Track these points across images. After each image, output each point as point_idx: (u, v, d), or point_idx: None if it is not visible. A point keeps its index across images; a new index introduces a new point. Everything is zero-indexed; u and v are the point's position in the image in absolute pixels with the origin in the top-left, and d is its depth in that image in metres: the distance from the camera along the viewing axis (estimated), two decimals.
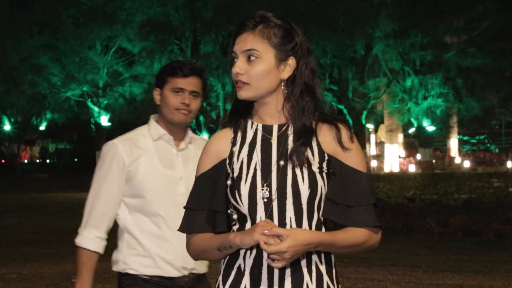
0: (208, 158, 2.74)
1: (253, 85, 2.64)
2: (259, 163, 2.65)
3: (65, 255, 14.00)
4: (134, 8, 24.99)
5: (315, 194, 2.61)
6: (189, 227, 2.73)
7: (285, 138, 2.67)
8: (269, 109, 2.69)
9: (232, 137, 2.73)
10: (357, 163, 2.68)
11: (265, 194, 2.61)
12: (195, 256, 2.76)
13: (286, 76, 2.65)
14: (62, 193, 29.43)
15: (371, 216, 2.65)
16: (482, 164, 40.06)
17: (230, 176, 2.67)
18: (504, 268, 11.55)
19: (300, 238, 2.49)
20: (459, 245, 15.35)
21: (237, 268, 2.65)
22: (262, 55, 2.62)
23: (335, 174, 2.66)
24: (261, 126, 2.70)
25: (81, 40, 24.71)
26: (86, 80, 25.35)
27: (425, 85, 28.68)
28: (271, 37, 2.63)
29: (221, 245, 2.60)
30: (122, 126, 34.56)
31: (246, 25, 2.65)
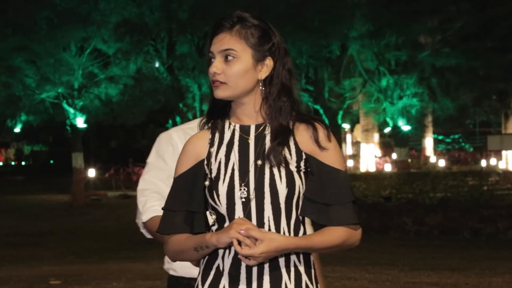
0: (186, 159, 2.75)
1: (230, 84, 2.65)
2: (236, 163, 2.66)
3: (42, 257, 13.99)
4: (109, 9, 24.84)
5: (292, 193, 2.62)
6: (167, 228, 2.73)
7: (262, 138, 2.69)
8: (246, 109, 2.71)
9: (209, 138, 2.74)
10: (335, 162, 2.69)
11: (243, 194, 2.62)
12: (173, 257, 2.76)
13: (263, 76, 2.67)
14: (38, 195, 29.28)
15: (351, 213, 2.65)
16: (456, 163, 40.32)
17: (208, 176, 2.69)
18: (479, 265, 11.67)
19: (274, 244, 2.50)
20: (434, 243, 15.48)
21: (216, 268, 2.66)
22: (239, 55, 2.64)
23: (313, 173, 2.67)
24: (239, 127, 2.72)
25: (55, 41, 24.52)
26: (61, 81, 25.16)
27: (400, 85, 28.82)
28: (248, 37, 2.65)
29: (198, 245, 2.62)
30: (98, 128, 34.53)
31: (223, 25, 2.67)
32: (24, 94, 25.47)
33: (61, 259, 13.73)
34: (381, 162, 35.66)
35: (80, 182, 26.61)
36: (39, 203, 26.24)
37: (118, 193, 29.47)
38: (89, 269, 12.13)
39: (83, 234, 18.21)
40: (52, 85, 25.20)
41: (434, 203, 20.30)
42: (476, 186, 23.55)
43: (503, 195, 22.26)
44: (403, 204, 20.37)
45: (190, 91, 26.46)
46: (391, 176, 26.12)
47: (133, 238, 16.82)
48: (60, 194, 29.22)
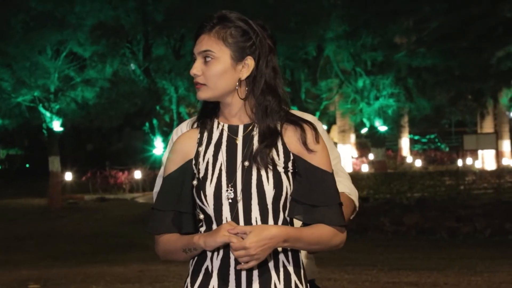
0: (174, 158, 2.75)
1: (210, 86, 2.66)
2: (224, 163, 2.66)
3: (19, 261, 13.92)
4: (85, 12, 24.74)
5: (280, 194, 2.62)
6: (156, 228, 2.73)
7: (250, 138, 2.69)
8: (232, 110, 2.71)
9: (198, 137, 2.74)
10: (322, 163, 2.70)
11: (230, 195, 2.62)
12: (163, 256, 2.77)
13: (244, 76, 2.67)
14: (14, 199, 29.10)
15: (337, 215, 2.66)
16: (433, 163, 40.56)
17: (196, 176, 2.68)
18: (458, 265, 11.74)
19: (265, 232, 2.50)
20: (412, 243, 15.56)
21: (205, 270, 2.66)
22: (217, 56, 2.65)
23: (300, 174, 2.67)
24: (227, 126, 2.72)
25: (31, 45, 24.39)
26: (37, 85, 25.01)
27: (376, 85, 28.91)
28: (227, 38, 2.65)
29: (186, 247, 2.62)
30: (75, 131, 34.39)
31: (204, 26, 2.68)
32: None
33: (39, 263, 13.68)
34: (358, 162, 35.78)
35: (57, 185, 26.48)
36: (15, 207, 26.11)
37: (95, 196, 29.38)
38: (68, 273, 12.08)
39: (61, 237, 18.13)
40: (28, 89, 25.06)
41: (412, 203, 20.39)
42: (453, 186, 23.68)
43: (480, 194, 22.42)
44: (380, 204, 20.44)
45: (167, 93, 26.41)
46: (368, 176, 26.17)
47: (111, 241, 16.78)
48: (36, 197, 29.08)
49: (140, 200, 28.28)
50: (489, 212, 17.91)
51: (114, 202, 27.27)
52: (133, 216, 21.44)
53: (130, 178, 32.64)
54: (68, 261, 13.87)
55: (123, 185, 32.18)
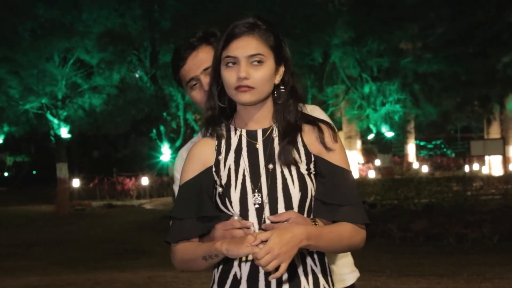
0: (192, 166, 2.72)
1: (259, 89, 2.63)
2: (247, 168, 2.65)
3: (28, 268, 13.94)
4: (92, 20, 24.79)
5: (305, 196, 2.63)
6: (178, 236, 2.70)
7: (270, 141, 2.69)
8: (256, 114, 2.70)
9: (216, 145, 2.73)
10: (342, 162, 2.71)
11: (257, 200, 2.61)
12: (180, 266, 2.73)
13: (278, 80, 2.69)
14: (22, 206, 29.19)
15: (360, 213, 2.68)
16: (439, 168, 40.48)
17: (218, 183, 2.66)
18: (466, 271, 11.71)
19: (285, 231, 2.47)
20: (420, 249, 15.52)
21: (233, 276, 2.64)
22: (265, 60, 2.63)
23: (323, 175, 2.68)
24: (245, 132, 2.71)
25: (38, 52, 24.45)
26: (44, 92, 25.08)
27: (383, 91, 28.90)
28: (270, 41, 2.64)
29: (207, 254, 2.58)
30: (82, 138, 34.44)
31: (241, 29, 2.64)
32: (7, 105, 25.39)
33: (48, 269, 13.69)
34: (364, 169, 35.76)
35: (64, 192, 26.54)
36: (23, 214, 26.13)
37: (102, 202, 29.44)
38: (77, 279, 12.09)
39: (69, 244, 18.14)
40: (35, 96, 25.14)
41: (419, 209, 20.31)
42: (460, 192, 23.58)
43: (487, 200, 22.30)
44: (388, 210, 20.39)
45: (174, 100, 26.42)
46: (375, 182, 26.14)
47: (119, 247, 16.79)
48: (43, 204, 29.13)
49: (147, 206, 28.31)
50: (497, 218, 17.84)
51: (121, 209, 27.29)
52: (140, 223, 21.45)
53: (137, 184, 32.69)
54: (77, 268, 13.88)
55: (130, 191, 32.22)
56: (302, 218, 2.58)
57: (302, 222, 2.57)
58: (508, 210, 19.31)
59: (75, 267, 14.06)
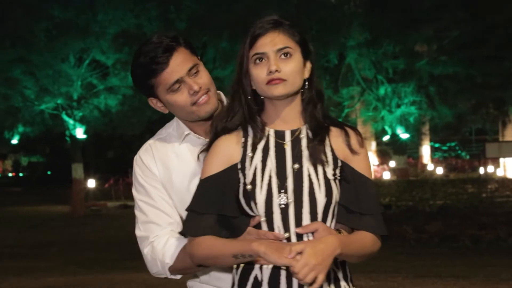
0: (217, 160, 2.69)
1: (290, 81, 2.63)
2: (274, 169, 2.62)
3: (44, 268, 13.97)
4: (108, 20, 24.82)
5: (330, 202, 2.61)
6: (196, 230, 2.65)
7: (298, 141, 2.67)
8: (284, 111, 2.69)
9: (242, 142, 2.71)
10: (366, 170, 2.72)
11: (282, 200, 2.59)
12: (201, 260, 2.68)
13: (307, 75, 2.69)
14: (37, 206, 29.26)
15: (380, 223, 2.69)
16: (454, 170, 40.36)
17: (242, 182, 2.64)
18: (482, 272, 11.67)
19: (319, 243, 2.48)
20: (435, 250, 15.48)
21: (254, 279, 2.62)
22: (293, 52, 2.64)
23: (348, 181, 2.67)
24: (273, 132, 2.69)
25: (54, 53, 24.51)
26: (60, 92, 25.14)
27: (398, 93, 28.87)
28: (296, 36, 2.66)
29: (239, 253, 2.54)
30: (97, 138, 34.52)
31: (265, 27, 2.66)
32: (23, 106, 25.45)
33: (64, 270, 13.71)
34: (379, 170, 35.70)
35: (80, 192, 26.60)
36: (38, 214, 26.19)
37: (117, 203, 29.46)
38: (94, 280, 12.12)
39: (85, 244, 18.18)
40: (51, 96, 25.21)
41: (434, 211, 20.30)
42: (475, 194, 23.55)
43: (502, 202, 22.26)
44: (403, 212, 20.37)
45: None
46: (390, 184, 26.10)
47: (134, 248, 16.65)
48: (59, 205, 29.19)
49: None
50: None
51: None
52: None
53: None
54: (93, 268, 13.90)
55: None
56: (328, 229, 2.58)
57: (328, 233, 2.56)
58: None
59: (91, 267, 14.08)
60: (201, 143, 2.99)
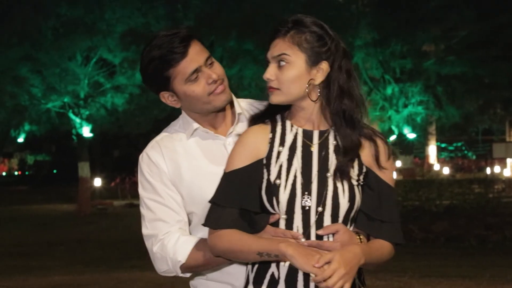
0: (244, 153, 2.69)
1: (284, 90, 2.63)
2: (299, 170, 2.61)
3: (51, 267, 14.00)
4: (115, 19, 24.81)
5: (352, 207, 2.61)
6: (218, 223, 2.64)
7: (326, 147, 2.65)
8: (306, 114, 2.68)
9: (270, 137, 2.69)
10: (390, 179, 2.70)
11: (307, 202, 2.58)
12: (222, 253, 2.66)
13: (318, 80, 2.65)
14: (43, 205, 29.30)
15: (399, 233, 2.70)
16: (460, 170, 40.29)
17: (266, 178, 2.63)
18: (489, 273, 11.66)
19: (347, 252, 2.47)
20: (441, 250, 15.49)
21: (270, 276, 2.61)
22: (291, 60, 2.62)
23: (372, 188, 2.66)
24: (301, 131, 2.68)
25: (61, 51, 24.52)
26: (67, 91, 25.14)
27: (405, 93, 28.82)
28: (302, 43, 2.63)
29: (265, 251, 2.53)
30: (103, 137, 34.53)
31: (279, 30, 2.67)
32: (30, 104, 25.46)
33: (71, 268, 13.74)
34: None
35: (86, 191, 26.61)
36: (44, 213, 26.22)
37: (124, 202, 29.47)
38: (100, 279, 12.13)
39: (91, 243, 18.21)
40: (58, 95, 25.21)
41: (440, 211, 20.27)
42: (482, 194, 23.48)
43: (509, 202, 22.18)
44: (409, 211, 20.32)
45: None
46: (397, 183, 26.02)
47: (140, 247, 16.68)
48: (65, 203, 29.22)
49: None
50: None
51: None
52: None
53: None
54: (99, 267, 13.92)
55: None
56: (348, 231, 2.59)
57: (348, 235, 2.57)
58: None
59: (98, 266, 14.10)
60: (209, 137, 2.99)
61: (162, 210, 2.97)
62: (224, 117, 3.05)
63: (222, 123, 3.04)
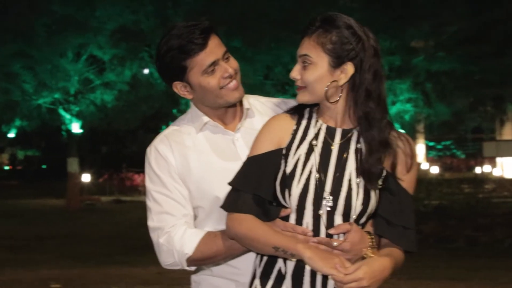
0: (267, 139, 2.69)
1: (309, 89, 2.62)
2: (316, 166, 2.60)
3: (40, 261, 14.01)
4: (106, 16, 24.77)
5: (365, 211, 2.59)
6: (232, 206, 2.64)
7: (346, 147, 2.63)
8: (332, 113, 2.66)
9: (294, 129, 2.69)
10: (410, 186, 2.67)
11: (328, 203, 2.57)
12: (237, 238, 2.64)
13: (342, 81, 2.62)
14: (33, 199, 29.32)
15: (415, 241, 2.68)
16: (449, 170, 40.32)
17: (283, 168, 2.62)
18: (478, 275, 11.66)
19: (376, 263, 2.48)
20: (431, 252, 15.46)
21: (277, 272, 2.61)
22: (314, 61, 2.61)
23: (393, 193, 2.64)
24: (325, 127, 2.66)
25: (53, 48, 24.50)
26: (57, 87, 25.13)
27: (393, 90, 28.78)
28: (326, 43, 2.60)
29: (282, 247, 2.52)
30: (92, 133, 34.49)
31: (308, 28, 2.65)
32: (22, 100, 25.45)
33: (59, 263, 13.76)
34: None
35: (75, 187, 26.62)
36: (34, 208, 26.23)
37: (111, 198, 29.51)
38: (88, 273, 12.16)
39: (79, 238, 18.20)
40: (49, 91, 25.20)
41: (429, 211, 20.23)
42: (472, 194, 23.45)
43: (500, 202, 22.15)
44: None
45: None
46: None
47: (128, 242, 16.83)
48: (54, 198, 29.24)
49: None
50: (509, 221, 17.71)
51: (130, 204, 27.32)
52: None
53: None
54: (88, 262, 13.93)
55: (139, 187, 32.27)
56: (360, 231, 2.57)
57: (360, 235, 2.55)
58: None
59: (86, 261, 14.10)
60: (219, 132, 3.00)
61: (169, 203, 2.96)
62: (234, 112, 3.05)
63: (231, 118, 3.04)
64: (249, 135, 2.90)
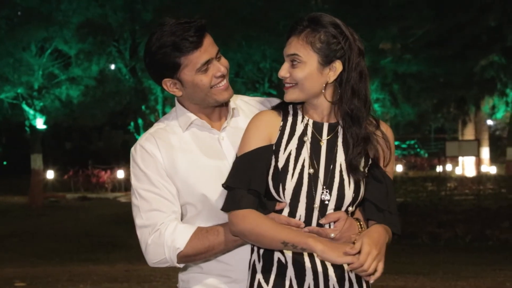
0: (256, 136, 2.73)
1: (299, 87, 2.68)
2: (307, 160, 2.66)
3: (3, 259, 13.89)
4: (71, 10, 24.53)
5: (356, 199, 2.69)
6: (238, 204, 2.65)
7: (334, 142, 2.71)
8: (318, 109, 2.73)
9: (281, 125, 2.74)
10: (392, 172, 2.80)
11: (325, 197, 2.65)
12: (242, 234, 2.65)
13: (331, 79, 2.69)
14: None
15: (399, 224, 2.76)
16: (413, 168, 40.71)
17: (274, 164, 2.67)
18: (442, 270, 11.81)
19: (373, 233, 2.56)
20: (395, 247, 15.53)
21: (277, 262, 2.67)
22: (303, 60, 2.66)
23: (379, 180, 2.73)
24: (312, 122, 2.73)
25: (15, 41, 24.18)
26: (20, 82, 24.79)
27: None
28: (315, 42, 2.66)
29: (292, 242, 2.55)
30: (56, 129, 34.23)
31: (295, 28, 2.70)
32: None
33: (23, 261, 13.63)
34: None
35: (38, 183, 26.35)
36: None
37: (77, 195, 29.32)
38: (53, 271, 12.03)
39: (43, 236, 18.04)
40: (11, 85, 24.86)
41: None
42: (435, 192, 23.77)
43: (461, 200, 22.51)
44: None
45: (153, 93, 26.32)
46: None
47: (94, 240, 16.73)
48: (16, 195, 28.96)
49: (122, 199, 28.17)
50: (470, 218, 18.06)
51: (96, 201, 27.18)
52: (115, 216, 21.31)
53: (113, 177, 32.54)
54: (53, 260, 13.83)
55: (105, 184, 32.10)
56: (349, 219, 2.65)
57: (349, 223, 2.64)
58: (481, 210, 19.50)
59: (51, 259, 14.00)
60: (205, 130, 3.00)
61: (157, 200, 2.94)
62: (220, 111, 3.05)
63: (217, 117, 3.04)
64: (234, 134, 2.92)
